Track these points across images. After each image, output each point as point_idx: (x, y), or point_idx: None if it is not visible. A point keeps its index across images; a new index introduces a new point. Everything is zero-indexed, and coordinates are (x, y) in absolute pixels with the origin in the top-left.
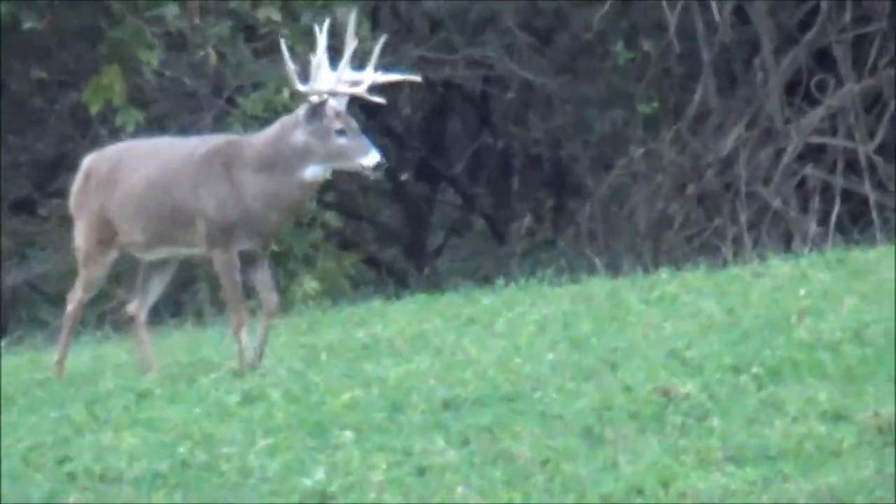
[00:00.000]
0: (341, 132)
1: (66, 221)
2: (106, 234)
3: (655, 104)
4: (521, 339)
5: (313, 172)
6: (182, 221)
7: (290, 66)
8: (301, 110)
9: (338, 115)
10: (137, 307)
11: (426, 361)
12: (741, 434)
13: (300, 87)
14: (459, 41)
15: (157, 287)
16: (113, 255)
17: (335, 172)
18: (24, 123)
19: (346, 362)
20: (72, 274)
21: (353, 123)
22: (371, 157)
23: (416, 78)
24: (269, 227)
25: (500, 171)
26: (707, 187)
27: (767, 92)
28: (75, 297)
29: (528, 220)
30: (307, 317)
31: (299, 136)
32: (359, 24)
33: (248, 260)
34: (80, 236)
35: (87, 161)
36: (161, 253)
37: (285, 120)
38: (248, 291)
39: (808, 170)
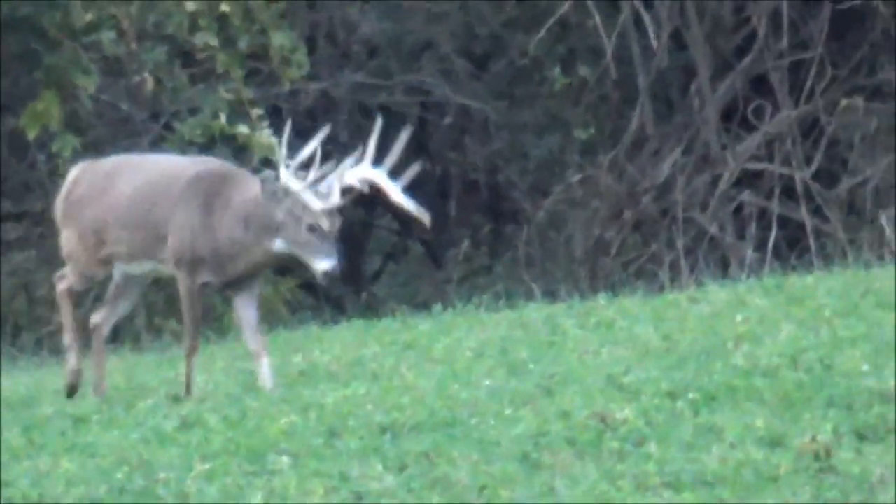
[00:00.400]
0: (312, 228)
1: (3, 247)
2: (97, 244)
3: (592, 130)
4: (459, 365)
5: (280, 246)
6: (160, 237)
7: (283, 152)
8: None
9: (321, 212)
10: (103, 319)
11: (363, 387)
12: (678, 460)
13: (282, 173)
14: (396, 67)
15: (126, 303)
16: (107, 265)
17: None
18: None
19: (283, 388)
20: (15, 298)
21: (330, 226)
22: (325, 263)
23: (426, 220)
24: (234, 271)
25: (438, 197)
26: (644, 213)
27: (704, 118)
28: (66, 281)
29: (465, 245)
30: (244, 342)
31: (278, 212)
32: (294, 51)
33: (237, 292)
34: (71, 245)
35: (75, 171)
36: (144, 266)
37: (278, 187)
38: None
39: (745, 196)
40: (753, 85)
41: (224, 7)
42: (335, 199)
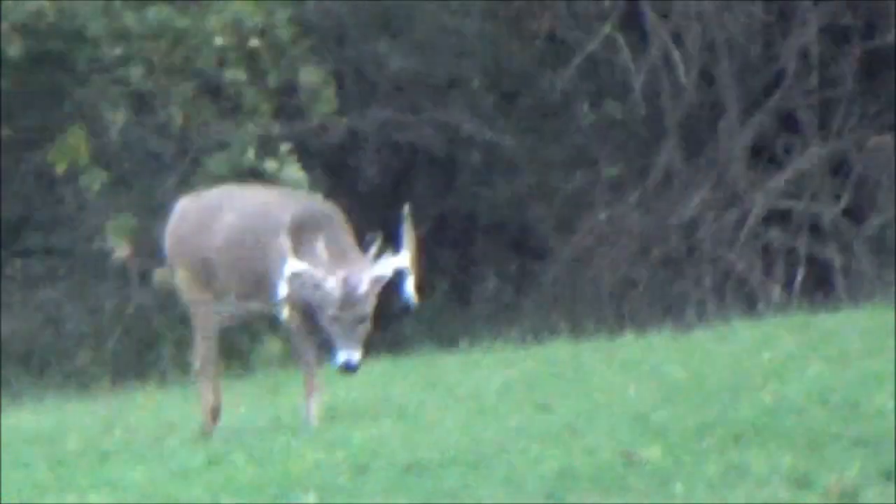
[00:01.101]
0: (334, 318)
1: (31, 281)
2: (208, 280)
3: (620, 166)
4: (485, 403)
5: None
6: (264, 282)
7: (285, 245)
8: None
9: (340, 304)
10: None
11: (390, 424)
12: (704, 498)
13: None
14: (424, 103)
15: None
16: (221, 302)
17: None
18: None
19: (309, 425)
20: (42, 332)
21: (349, 317)
22: (342, 356)
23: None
24: None
25: (465, 233)
26: (671, 250)
27: (732, 155)
28: (198, 352)
29: (492, 282)
30: (271, 378)
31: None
32: (322, 87)
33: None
34: (182, 286)
35: (180, 205)
36: (252, 307)
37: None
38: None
39: (773, 233)
40: (782, 122)
41: (253, 42)
42: (363, 288)
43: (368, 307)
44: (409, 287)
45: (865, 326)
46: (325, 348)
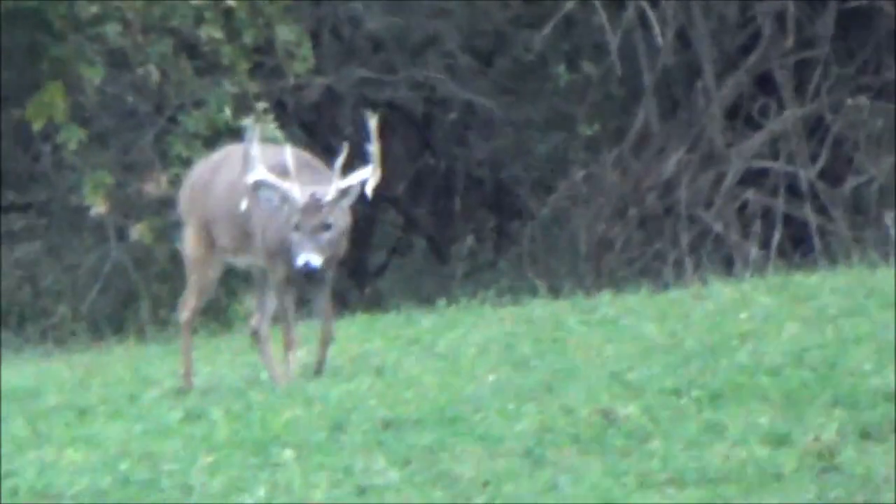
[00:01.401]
0: (297, 226)
1: (8, 238)
2: (208, 238)
3: (597, 126)
4: (463, 360)
5: None
6: (248, 232)
7: (252, 153)
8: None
9: (303, 209)
10: (258, 321)
11: (367, 381)
12: (682, 457)
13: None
14: (401, 62)
15: (273, 299)
16: (220, 259)
17: None
18: None
19: (287, 381)
20: (20, 289)
21: (319, 221)
22: (302, 258)
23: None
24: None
25: (442, 192)
26: (648, 210)
27: (709, 116)
28: (188, 304)
29: (469, 241)
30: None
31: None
32: (299, 45)
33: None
34: (188, 242)
35: (195, 166)
36: (246, 260)
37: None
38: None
39: (750, 194)
40: (758, 83)
41: (230, 1)
42: (328, 197)
43: (334, 218)
44: (369, 188)
45: (842, 287)
46: (304, 303)
